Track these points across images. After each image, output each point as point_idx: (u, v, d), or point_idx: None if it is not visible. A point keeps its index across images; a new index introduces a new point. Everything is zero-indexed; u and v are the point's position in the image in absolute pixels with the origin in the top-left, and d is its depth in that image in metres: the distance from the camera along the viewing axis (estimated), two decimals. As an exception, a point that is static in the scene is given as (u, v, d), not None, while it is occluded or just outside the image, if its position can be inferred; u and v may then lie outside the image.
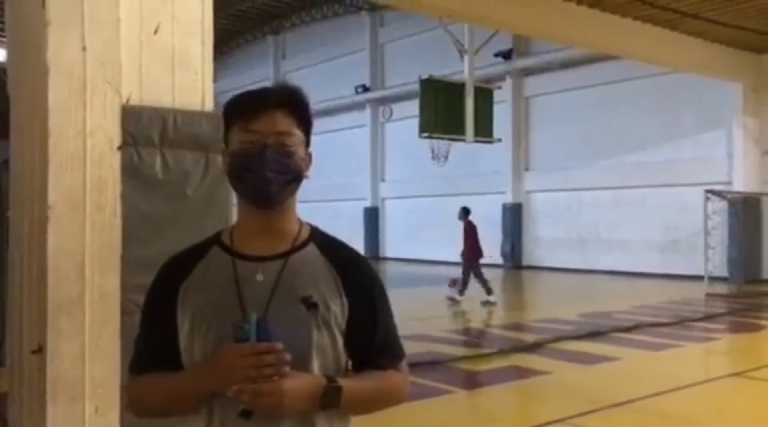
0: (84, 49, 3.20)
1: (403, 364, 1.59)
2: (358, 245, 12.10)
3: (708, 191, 14.30)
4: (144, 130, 3.34)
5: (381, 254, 25.42)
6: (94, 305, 3.16)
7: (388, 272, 17.17)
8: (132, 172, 3.30)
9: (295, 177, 1.47)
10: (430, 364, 7.38)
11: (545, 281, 18.46)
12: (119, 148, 3.27)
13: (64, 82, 3.15)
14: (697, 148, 17.80)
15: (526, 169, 22.02)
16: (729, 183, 16.68)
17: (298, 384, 1.36)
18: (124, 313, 3.23)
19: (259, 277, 1.45)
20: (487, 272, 20.00)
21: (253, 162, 1.43)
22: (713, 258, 14.23)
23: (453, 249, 15.01)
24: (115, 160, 3.26)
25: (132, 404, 1.55)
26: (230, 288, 1.44)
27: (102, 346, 3.15)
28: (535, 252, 21.58)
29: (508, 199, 21.96)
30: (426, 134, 13.31)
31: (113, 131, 3.26)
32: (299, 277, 1.46)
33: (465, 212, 13.22)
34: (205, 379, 1.39)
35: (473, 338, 8.87)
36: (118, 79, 3.29)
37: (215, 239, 1.53)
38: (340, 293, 1.48)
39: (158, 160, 3.38)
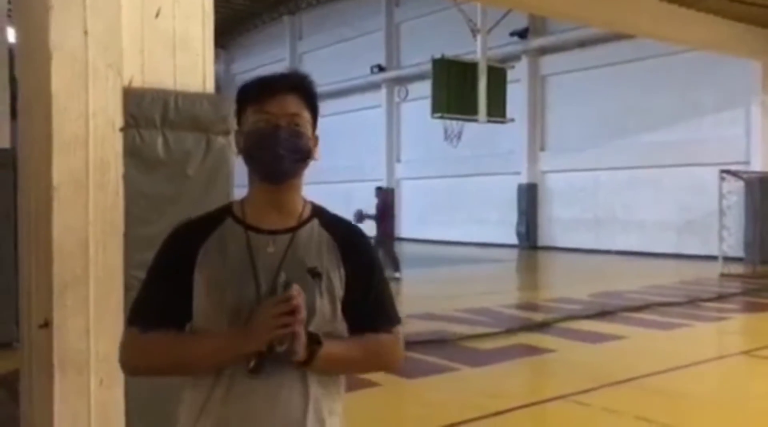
0: (86, 32, 3.27)
1: (397, 329, 1.68)
2: (373, 225, 12.24)
3: (723, 171, 14.19)
4: (145, 112, 3.42)
5: (396, 235, 25.54)
6: (98, 281, 3.26)
7: (404, 253, 17.26)
8: (134, 153, 3.38)
9: (304, 156, 1.60)
10: (438, 342, 7.48)
11: (559, 262, 18.45)
12: (121, 129, 3.35)
13: (66, 65, 3.23)
14: (715, 127, 17.62)
15: (542, 149, 21.93)
16: (747, 163, 16.52)
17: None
18: (128, 289, 3.33)
19: (270, 249, 1.57)
20: (502, 252, 19.99)
21: (267, 141, 1.55)
22: (728, 239, 14.16)
23: (468, 229, 15.08)
24: (117, 142, 3.34)
25: (130, 360, 1.57)
26: (244, 257, 1.56)
27: (106, 321, 3.25)
28: (551, 232, 21.55)
29: (524, 179, 21.91)
30: (438, 114, 13.30)
31: (115, 113, 3.34)
32: (305, 249, 1.59)
33: (380, 190, 13.86)
34: (236, 339, 1.48)
35: (482, 318, 8.93)
36: (120, 62, 3.37)
37: (227, 211, 1.64)
38: (338, 264, 1.60)
39: (160, 141, 3.45)
